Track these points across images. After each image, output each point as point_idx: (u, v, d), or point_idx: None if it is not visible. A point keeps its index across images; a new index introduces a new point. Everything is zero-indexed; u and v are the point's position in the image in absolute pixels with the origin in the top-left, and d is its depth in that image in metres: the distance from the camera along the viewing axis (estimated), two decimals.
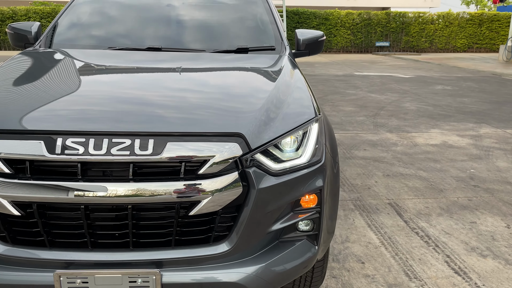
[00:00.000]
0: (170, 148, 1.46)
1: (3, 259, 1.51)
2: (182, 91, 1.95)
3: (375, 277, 2.56)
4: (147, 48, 2.56)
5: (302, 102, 1.87)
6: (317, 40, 2.86)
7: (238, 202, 1.54)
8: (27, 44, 2.69)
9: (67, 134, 1.46)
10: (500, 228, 3.23)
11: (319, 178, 1.69)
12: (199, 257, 1.54)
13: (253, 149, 1.55)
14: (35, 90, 1.90)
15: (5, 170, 1.43)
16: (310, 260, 1.73)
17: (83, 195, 1.42)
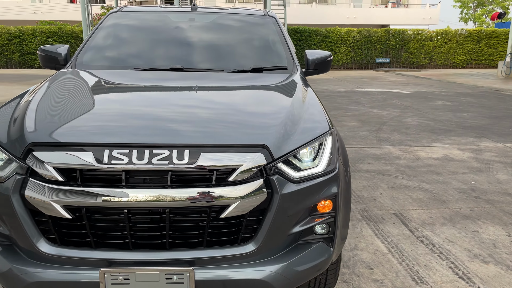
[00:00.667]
0: (203, 158, 1.65)
1: (53, 259, 1.69)
2: (209, 107, 2.15)
3: (383, 281, 2.72)
4: (170, 69, 2.77)
5: (317, 117, 2.07)
6: (325, 60, 3.08)
7: (263, 206, 1.72)
8: (57, 65, 2.90)
9: (113, 146, 1.65)
10: (502, 237, 3.38)
11: (334, 186, 1.88)
12: (228, 256, 1.71)
13: (276, 159, 1.74)
14: (80, 107, 2.10)
15: (58, 178, 1.62)
16: (326, 260, 1.90)
17: (127, 200, 1.61)
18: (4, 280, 1.74)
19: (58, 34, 23.68)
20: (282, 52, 3.06)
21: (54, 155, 1.64)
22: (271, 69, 2.90)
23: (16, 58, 23.59)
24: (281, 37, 3.18)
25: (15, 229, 1.69)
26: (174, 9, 3.46)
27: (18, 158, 1.68)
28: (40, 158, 1.64)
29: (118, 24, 3.21)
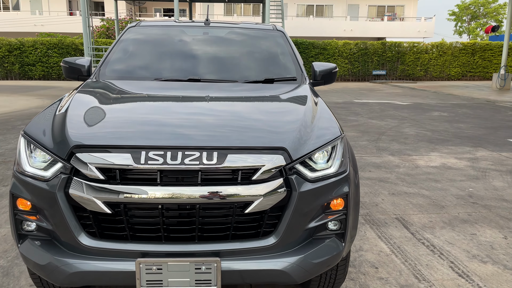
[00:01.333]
0: (230, 159, 1.84)
1: (92, 251, 1.86)
2: (231, 114, 2.34)
3: (388, 279, 2.88)
4: (188, 79, 2.97)
5: (329, 124, 2.26)
6: (331, 71, 3.28)
7: (283, 203, 1.90)
8: (80, 76, 3.08)
9: (149, 148, 1.83)
10: (498, 239, 3.56)
11: (346, 185, 2.06)
12: (251, 248, 1.89)
13: (294, 160, 1.92)
14: (113, 113, 2.28)
15: (100, 177, 1.80)
16: (338, 254, 2.07)
17: (161, 197, 1.78)
18: (45, 272, 1.90)
19: (58, 46, 23.87)
20: (291, 64, 3.27)
21: (96, 157, 1.82)
22: (281, 80, 3.10)
23: (16, 69, 23.76)
24: (289, 50, 3.39)
25: (58, 224, 1.86)
26: (188, 24, 3.67)
27: (62, 159, 1.85)
28: (82, 159, 1.82)
29: (137, 38, 3.41)
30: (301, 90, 2.84)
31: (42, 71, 23.94)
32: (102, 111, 2.30)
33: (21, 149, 2.01)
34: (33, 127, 2.09)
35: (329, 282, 2.45)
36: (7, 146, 6.67)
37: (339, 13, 37.18)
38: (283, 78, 3.12)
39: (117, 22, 25.01)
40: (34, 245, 1.96)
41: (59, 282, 1.88)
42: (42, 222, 1.92)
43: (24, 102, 12.54)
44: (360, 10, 37.66)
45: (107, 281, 1.88)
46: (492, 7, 54.36)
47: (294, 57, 3.32)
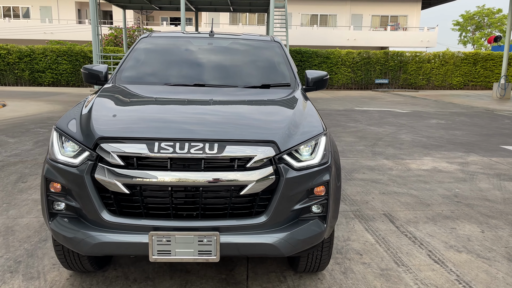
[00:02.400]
0: (228, 150, 2.21)
1: (112, 226, 2.22)
2: (230, 113, 2.72)
3: (370, 264, 3.23)
4: (194, 84, 3.36)
5: (314, 123, 2.63)
6: (322, 78, 3.65)
7: (272, 187, 2.26)
8: (98, 81, 3.48)
9: (161, 140, 2.21)
10: (476, 233, 3.89)
11: (326, 174, 2.42)
12: (245, 225, 2.25)
13: (282, 151, 2.29)
14: (130, 111, 2.67)
15: (120, 163, 2.17)
16: (320, 234, 2.42)
17: (171, 180, 2.15)
18: (72, 243, 2.27)
19: (67, 53, 24.45)
20: (286, 71, 3.65)
21: (117, 146, 2.20)
22: (276, 86, 3.48)
23: (26, 76, 24.35)
24: (285, 59, 3.78)
25: (85, 202, 2.24)
26: (195, 35, 4.07)
27: (89, 148, 2.23)
28: (106, 149, 2.20)
29: (148, 47, 3.81)
30: (293, 94, 3.21)
31: (52, 78, 24.51)
32: (121, 110, 2.69)
33: (53, 141, 2.39)
34: (63, 122, 2.48)
35: (315, 262, 2.80)
36: (23, 148, 7.08)
37: (343, 23, 37.67)
38: (278, 84, 3.50)
39: (125, 31, 25.61)
40: (62, 222, 2.33)
41: (84, 252, 2.25)
42: (70, 202, 2.30)
43: (36, 107, 13.01)
44: (364, 20, 38.15)
45: (124, 251, 2.24)
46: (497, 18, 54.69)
47: (288, 65, 3.71)
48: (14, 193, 4.69)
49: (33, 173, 5.51)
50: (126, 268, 3.04)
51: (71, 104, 14.13)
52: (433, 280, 3.00)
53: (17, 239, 3.49)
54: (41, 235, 3.56)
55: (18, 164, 5.94)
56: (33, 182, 5.11)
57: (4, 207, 4.22)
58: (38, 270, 2.99)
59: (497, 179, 5.72)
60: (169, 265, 3.09)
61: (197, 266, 3.10)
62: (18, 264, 3.07)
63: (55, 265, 3.06)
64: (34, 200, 4.45)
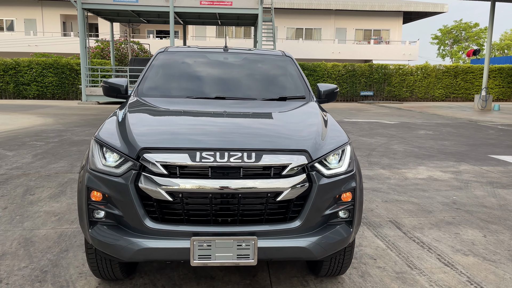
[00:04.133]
0: (265, 158, 2.34)
1: (155, 232, 2.32)
2: (260, 123, 2.87)
3: (385, 268, 3.38)
4: (215, 97, 3.49)
5: (338, 132, 2.79)
6: (333, 91, 3.84)
7: (305, 193, 2.40)
8: (119, 95, 3.57)
9: (202, 150, 2.33)
10: (478, 237, 4.09)
11: (353, 181, 2.57)
12: (281, 230, 2.38)
13: (314, 160, 2.44)
14: (166, 123, 2.80)
15: (163, 172, 2.29)
16: (348, 237, 2.56)
17: (211, 187, 2.27)
18: (115, 249, 2.35)
19: (53, 66, 24.29)
20: (300, 84, 3.83)
21: (160, 156, 2.31)
22: (292, 98, 3.65)
23: (11, 88, 24.05)
24: (298, 73, 3.96)
25: (128, 210, 2.33)
26: (210, 50, 4.22)
27: (133, 159, 2.34)
28: (149, 159, 2.31)
29: (166, 62, 3.93)
30: (311, 106, 3.38)
31: (37, 91, 24.28)
32: (157, 121, 2.81)
33: (94, 151, 2.49)
34: (102, 134, 2.58)
35: (338, 266, 2.94)
36: (22, 161, 7.06)
37: (328, 36, 38.42)
38: (294, 97, 3.66)
39: (113, 43, 25.63)
40: (103, 229, 2.42)
41: (126, 258, 2.33)
42: (112, 210, 2.39)
43: (27, 120, 12.89)
44: (348, 33, 38.99)
45: (165, 256, 2.34)
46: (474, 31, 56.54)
47: (302, 79, 3.88)
48: (24, 205, 4.70)
49: (39, 185, 5.53)
50: (152, 275, 3.12)
51: (62, 117, 14.06)
52: (446, 282, 3.16)
53: (38, 249, 3.53)
54: (61, 246, 3.61)
55: (21, 177, 5.94)
56: (40, 194, 5.13)
57: (18, 219, 4.24)
58: (66, 279, 3.05)
59: (491, 187, 5.98)
60: (194, 272, 3.18)
61: (221, 272, 3.20)
62: (44, 274, 3.12)
63: (82, 274, 3.12)
64: (46, 212, 4.48)
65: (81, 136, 9.88)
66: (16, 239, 3.74)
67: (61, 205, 4.72)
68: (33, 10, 37.01)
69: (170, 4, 19.79)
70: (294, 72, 3.97)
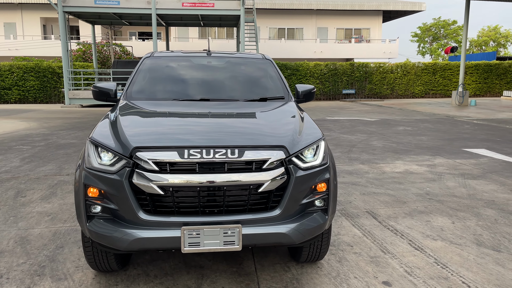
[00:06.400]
0: (247, 154, 2.60)
1: (148, 223, 2.55)
2: (243, 123, 3.12)
3: (361, 253, 3.67)
4: (200, 99, 3.74)
5: (313, 130, 3.07)
6: (310, 91, 4.12)
7: (284, 185, 2.67)
8: (109, 99, 3.78)
9: (190, 148, 2.58)
10: (447, 224, 4.42)
11: (327, 173, 2.85)
12: (262, 218, 2.63)
13: (291, 154, 2.70)
14: (155, 124, 3.03)
15: (155, 168, 2.52)
16: (324, 224, 2.83)
17: (199, 181, 2.52)
18: (111, 240, 2.57)
19: (35, 70, 24.08)
20: (279, 86, 4.10)
21: (151, 154, 2.55)
22: (272, 99, 3.91)
23: None
24: (277, 75, 4.22)
25: (123, 204, 2.56)
26: (194, 55, 4.45)
27: (126, 157, 2.57)
28: (141, 157, 2.54)
29: (153, 66, 4.16)
30: (289, 106, 3.66)
31: (18, 95, 24.05)
32: (147, 123, 3.04)
33: (89, 151, 2.71)
34: (97, 136, 2.80)
35: (316, 252, 3.22)
36: (11, 164, 7.17)
37: (309, 36, 38.87)
38: (274, 97, 3.93)
39: (94, 46, 25.55)
40: (100, 223, 2.64)
41: (123, 248, 2.56)
42: (107, 204, 2.61)
43: (10, 125, 12.88)
44: (329, 33, 39.51)
45: (158, 245, 2.57)
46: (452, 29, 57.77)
47: (281, 80, 4.16)
48: (16, 207, 4.86)
49: (29, 188, 5.68)
50: (145, 266, 3.35)
51: (46, 121, 14.07)
52: (415, 263, 3.47)
53: (34, 247, 3.72)
54: (56, 243, 3.80)
55: (11, 180, 6.07)
56: (32, 196, 5.29)
57: (12, 220, 4.41)
58: (63, 272, 3.25)
59: (462, 178, 6.35)
60: (184, 262, 3.42)
61: (209, 262, 3.44)
62: (43, 268, 3.32)
63: (78, 267, 3.33)
64: (39, 213, 4.65)
65: (67, 140, 9.98)
66: (12, 238, 3.91)
67: (53, 206, 4.89)
68: (12, 14, 36.53)
69: (152, 6, 19.89)
70: (274, 74, 4.23)
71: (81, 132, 11.28)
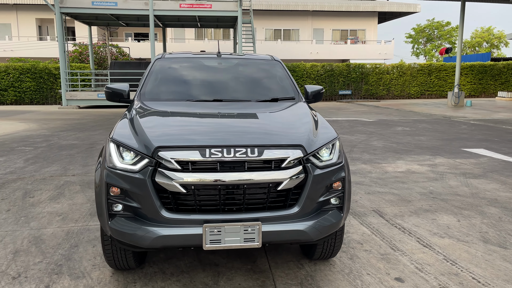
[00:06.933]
0: (266, 153, 2.66)
1: (171, 221, 2.61)
2: (259, 123, 3.19)
3: (371, 251, 3.74)
4: (213, 100, 3.79)
5: (328, 129, 3.14)
6: (319, 92, 4.19)
7: (302, 183, 2.73)
8: (122, 100, 3.82)
9: (211, 147, 2.64)
10: (453, 222, 4.51)
11: (342, 171, 2.92)
12: (281, 215, 2.70)
13: (308, 153, 2.77)
14: (175, 124, 3.09)
15: (177, 167, 2.58)
16: (339, 221, 2.90)
17: (220, 180, 2.58)
18: (134, 238, 2.62)
19: (31, 71, 23.98)
20: (289, 87, 4.16)
21: (173, 153, 2.60)
22: (283, 99, 3.98)
23: None
24: (287, 76, 4.29)
25: (145, 202, 2.61)
26: (204, 56, 4.51)
27: (149, 156, 2.62)
28: (164, 156, 2.60)
29: (165, 67, 4.21)
30: (301, 106, 3.72)
31: (15, 96, 23.94)
32: (167, 123, 3.10)
33: (111, 151, 2.76)
34: (117, 136, 2.85)
35: (329, 249, 3.28)
36: (15, 165, 7.18)
37: (305, 37, 39.02)
38: (284, 98, 4.00)
39: (91, 47, 25.49)
40: (121, 221, 2.68)
41: (145, 245, 2.61)
42: (130, 203, 2.66)
43: (10, 126, 12.85)
44: (325, 34, 39.69)
45: (181, 242, 2.62)
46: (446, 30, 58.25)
47: (291, 81, 4.22)
48: (26, 207, 4.89)
49: (37, 188, 5.70)
50: (160, 264, 3.40)
51: (45, 122, 14.04)
52: (425, 260, 3.55)
53: (49, 246, 3.75)
54: (70, 242, 3.84)
55: (17, 181, 6.09)
56: (40, 196, 5.31)
57: (23, 220, 4.44)
58: (81, 270, 3.30)
59: (463, 177, 6.45)
60: (199, 260, 3.47)
61: (223, 259, 3.50)
62: (60, 267, 3.36)
63: (95, 266, 3.37)
64: (50, 213, 4.68)
65: (68, 141, 9.98)
66: (26, 238, 3.95)
67: (62, 206, 4.93)
68: (7, 15, 36.36)
69: (150, 7, 19.90)
70: (283, 75, 4.30)
71: (81, 133, 11.28)
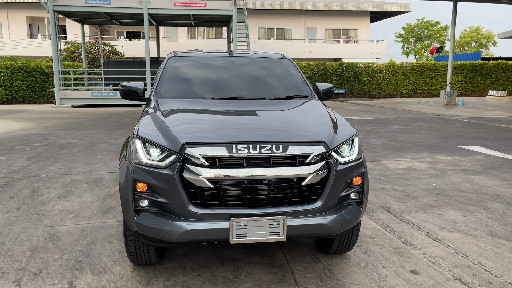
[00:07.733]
0: (290, 149, 2.72)
1: (198, 216, 2.66)
2: (281, 119, 3.25)
3: (384, 245, 3.83)
4: (229, 98, 3.84)
5: (347, 126, 3.22)
6: (330, 90, 4.27)
7: (325, 178, 2.80)
8: (137, 97, 3.86)
9: (237, 143, 2.69)
10: (459, 217, 4.62)
11: (362, 167, 2.99)
12: (305, 210, 2.76)
13: (331, 149, 2.84)
14: (199, 121, 3.14)
15: (205, 163, 2.63)
16: (359, 216, 2.98)
17: (246, 175, 2.63)
18: (162, 233, 2.66)
19: (23, 69, 23.75)
20: (302, 85, 4.23)
21: (201, 150, 2.65)
22: (297, 97, 4.05)
23: None
24: (299, 74, 4.36)
25: (173, 198, 2.65)
26: (216, 54, 4.55)
27: (177, 152, 2.67)
28: (191, 152, 2.65)
29: (179, 65, 4.25)
30: (316, 103, 3.80)
31: (6, 95, 23.70)
32: (191, 120, 3.15)
33: (137, 147, 2.80)
34: (142, 133, 2.89)
35: (346, 243, 3.36)
36: (18, 164, 7.15)
37: (298, 36, 39.17)
38: (298, 95, 4.06)
39: (84, 46, 25.31)
40: (148, 216, 2.72)
41: (173, 240, 2.66)
42: (156, 198, 2.70)
43: (5, 125, 12.74)
44: (318, 33, 39.88)
45: (208, 236, 2.67)
46: (435, 30, 58.82)
47: (303, 79, 4.29)
48: (36, 205, 4.89)
49: (44, 187, 5.69)
50: (179, 260, 3.45)
51: (41, 121, 13.94)
52: (437, 253, 3.64)
53: (65, 243, 3.78)
54: (87, 239, 3.87)
55: (23, 180, 6.07)
56: (48, 195, 5.31)
57: (35, 218, 4.45)
58: (102, 266, 3.33)
59: (464, 174, 6.58)
60: (216, 255, 3.53)
61: (240, 254, 3.55)
62: (80, 263, 3.38)
63: (115, 262, 3.40)
64: (61, 210, 4.69)
65: (68, 140, 9.94)
66: (41, 235, 3.96)
67: (72, 204, 4.94)
68: None
69: (144, 6, 19.82)
70: (295, 73, 4.37)
71: (80, 132, 11.23)
